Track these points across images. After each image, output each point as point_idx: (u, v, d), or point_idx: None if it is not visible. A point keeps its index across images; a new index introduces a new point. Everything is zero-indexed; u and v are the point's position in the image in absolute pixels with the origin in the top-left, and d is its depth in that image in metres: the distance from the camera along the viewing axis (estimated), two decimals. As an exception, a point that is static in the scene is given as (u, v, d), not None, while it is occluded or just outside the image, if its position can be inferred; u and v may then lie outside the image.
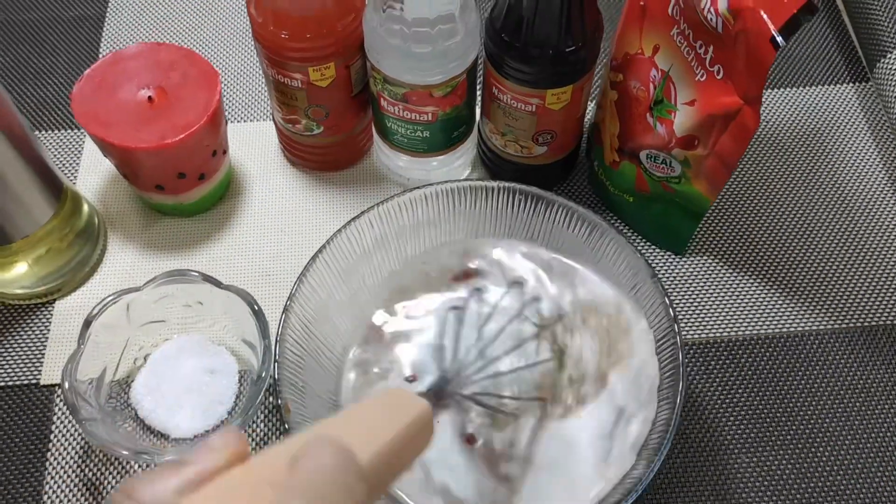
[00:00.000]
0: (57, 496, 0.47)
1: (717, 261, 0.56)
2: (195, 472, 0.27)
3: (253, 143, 0.60)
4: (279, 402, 0.42)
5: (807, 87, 0.63)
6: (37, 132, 0.61)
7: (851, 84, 0.63)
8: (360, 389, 0.46)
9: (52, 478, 0.48)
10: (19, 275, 0.52)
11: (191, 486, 0.26)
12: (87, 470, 0.48)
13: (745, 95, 0.44)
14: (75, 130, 0.61)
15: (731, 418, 0.50)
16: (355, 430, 0.27)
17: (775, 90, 0.63)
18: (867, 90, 0.63)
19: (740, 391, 0.51)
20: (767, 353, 0.52)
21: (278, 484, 0.24)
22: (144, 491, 0.26)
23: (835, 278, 0.55)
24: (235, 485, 0.26)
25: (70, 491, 0.48)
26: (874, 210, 0.58)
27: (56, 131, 0.61)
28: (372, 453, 0.25)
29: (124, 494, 0.26)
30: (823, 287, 0.55)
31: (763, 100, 0.61)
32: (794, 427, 0.50)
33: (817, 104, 0.63)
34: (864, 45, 0.63)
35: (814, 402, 0.51)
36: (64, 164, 0.59)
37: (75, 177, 0.59)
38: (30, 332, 0.53)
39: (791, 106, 0.63)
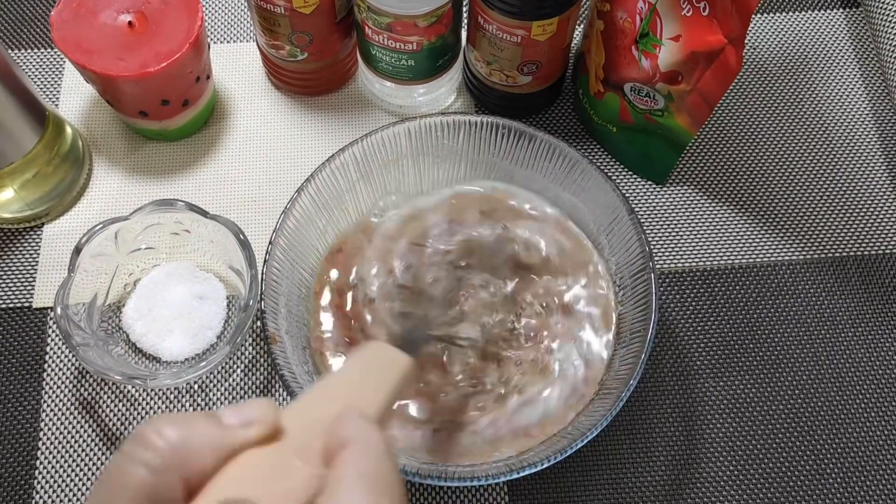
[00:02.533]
0: (55, 413, 0.50)
1: (696, 191, 0.57)
2: (230, 440, 0.27)
3: (236, 65, 0.60)
4: (265, 332, 0.44)
5: (796, 13, 0.63)
6: (15, 51, 0.60)
7: (842, 10, 0.63)
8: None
9: (49, 397, 0.50)
10: (6, 200, 0.52)
11: (224, 451, 0.27)
12: (83, 389, 0.50)
13: (729, 35, 0.44)
14: (55, 50, 0.60)
15: (702, 345, 0.52)
16: (363, 393, 0.32)
17: (764, 15, 0.63)
18: (857, 16, 0.63)
19: (711, 319, 0.53)
20: (740, 283, 0.54)
21: (315, 468, 0.28)
22: (175, 433, 0.27)
23: (809, 210, 0.56)
24: (270, 465, 0.28)
25: (67, 409, 0.50)
26: (854, 142, 0.58)
27: (35, 50, 0.60)
28: (377, 409, 0.32)
29: (154, 430, 0.27)
30: (798, 218, 0.56)
31: (750, 27, 0.61)
32: (760, 354, 0.52)
33: (806, 31, 0.62)
34: (857, -31, 0.62)
35: (781, 330, 0.53)
36: (45, 86, 0.59)
37: (57, 98, 0.58)
38: (20, 256, 0.54)
39: (779, 32, 0.62)
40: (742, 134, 0.58)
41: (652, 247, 0.52)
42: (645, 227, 0.54)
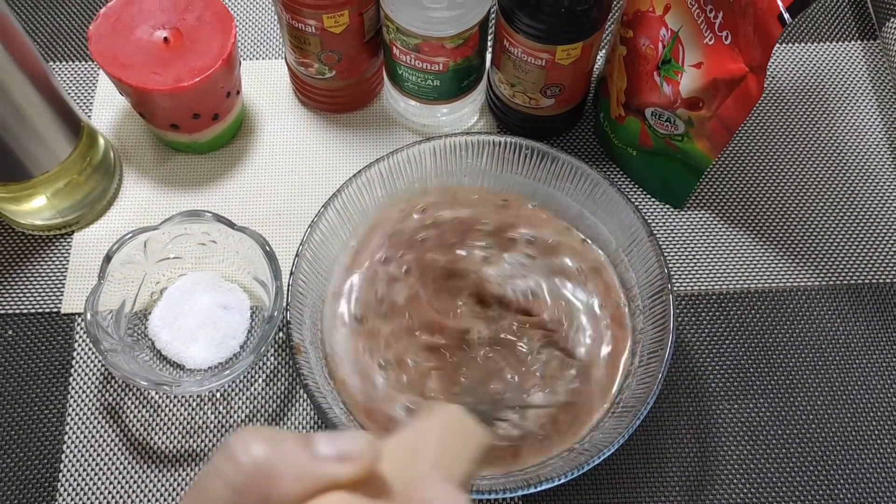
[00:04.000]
0: (80, 417, 0.51)
1: (713, 216, 0.57)
2: (319, 473, 0.25)
3: (265, 81, 0.61)
4: (290, 342, 0.45)
5: (814, 44, 0.64)
6: (50, 63, 0.62)
7: (859, 41, 0.64)
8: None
9: (74, 401, 0.51)
10: (39, 207, 0.54)
11: (311, 483, 0.25)
12: (107, 395, 0.51)
13: (750, 64, 0.45)
14: (89, 62, 0.62)
15: (717, 368, 0.53)
16: (447, 458, 0.31)
17: (783, 45, 0.64)
18: (874, 48, 0.64)
19: (727, 342, 0.54)
20: (755, 307, 0.55)
21: None
22: (262, 451, 0.25)
23: (826, 236, 0.57)
24: None
25: (92, 414, 0.51)
26: (870, 170, 0.59)
27: (70, 62, 0.62)
28: (462, 477, 0.30)
29: (242, 445, 0.25)
30: (814, 245, 0.57)
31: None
32: (774, 378, 0.53)
33: (823, 61, 0.63)
34: (875, 1, 0.63)
35: (795, 355, 0.53)
36: (78, 97, 0.60)
37: (90, 110, 0.60)
38: (50, 263, 0.55)
39: (797, 62, 0.63)
40: (759, 160, 0.59)
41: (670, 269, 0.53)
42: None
